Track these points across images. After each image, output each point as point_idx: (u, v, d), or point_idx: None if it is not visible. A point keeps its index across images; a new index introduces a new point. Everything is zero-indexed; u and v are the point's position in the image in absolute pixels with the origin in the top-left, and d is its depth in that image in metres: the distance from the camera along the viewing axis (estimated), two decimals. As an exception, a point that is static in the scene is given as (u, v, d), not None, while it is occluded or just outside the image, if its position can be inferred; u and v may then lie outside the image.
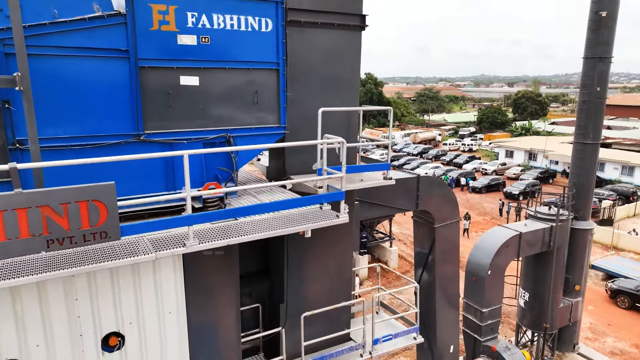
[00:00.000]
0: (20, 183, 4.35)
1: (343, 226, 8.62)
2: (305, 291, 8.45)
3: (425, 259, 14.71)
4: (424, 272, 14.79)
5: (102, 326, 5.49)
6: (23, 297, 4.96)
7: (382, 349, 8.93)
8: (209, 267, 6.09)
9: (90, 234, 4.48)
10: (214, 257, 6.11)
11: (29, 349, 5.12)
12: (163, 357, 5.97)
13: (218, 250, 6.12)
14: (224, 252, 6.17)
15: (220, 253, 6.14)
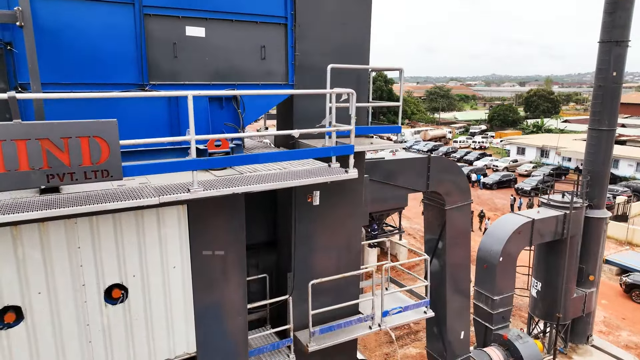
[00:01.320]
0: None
1: (352, 197, 8.48)
2: (313, 261, 8.28)
3: (435, 243, 14.43)
4: (434, 256, 14.52)
5: (105, 277, 5.37)
6: (25, 241, 4.85)
7: (391, 321, 8.73)
8: (214, 223, 5.95)
9: (92, 171, 4.35)
10: (220, 213, 5.96)
11: (31, 296, 5.01)
12: (167, 312, 5.84)
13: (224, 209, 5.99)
14: (230, 209, 6.02)
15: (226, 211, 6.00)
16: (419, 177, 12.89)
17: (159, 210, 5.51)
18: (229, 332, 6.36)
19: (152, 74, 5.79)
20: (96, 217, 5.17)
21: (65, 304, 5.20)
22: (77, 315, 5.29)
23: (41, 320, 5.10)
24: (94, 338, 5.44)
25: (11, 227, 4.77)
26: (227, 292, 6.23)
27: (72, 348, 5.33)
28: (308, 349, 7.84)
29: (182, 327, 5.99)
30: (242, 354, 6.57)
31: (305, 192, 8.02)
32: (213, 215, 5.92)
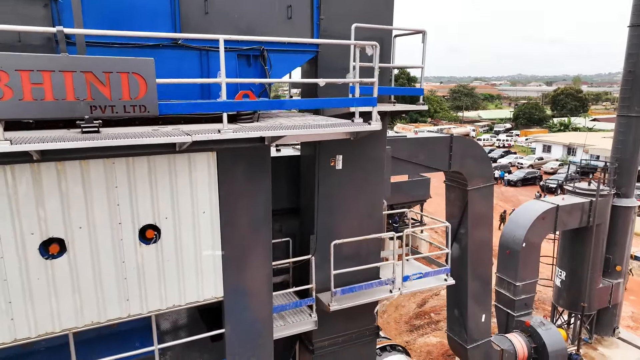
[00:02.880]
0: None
1: (374, 163, 8.64)
2: (336, 224, 8.47)
3: (457, 225, 14.41)
4: (455, 238, 14.50)
5: (139, 217, 5.69)
6: (68, 177, 5.21)
7: (411, 286, 8.85)
8: (241, 174, 6.21)
9: (130, 106, 4.66)
10: (247, 165, 6.22)
11: (73, 230, 5.36)
12: (197, 256, 6.13)
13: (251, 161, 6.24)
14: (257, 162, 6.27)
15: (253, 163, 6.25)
16: (441, 156, 12.90)
17: (190, 156, 5.80)
18: (254, 279, 6.62)
19: (184, 29, 6.09)
20: (132, 159, 5.49)
21: (103, 240, 5.54)
22: (113, 251, 5.62)
23: (82, 253, 5.45)
24: (129, 275, 5.76)
25: (56, 162, 5.13)
26: (253, 240, 6.48)
27: (109, 283, 5.67)
28: (330, 308, 8.04)
29: (211, 272, 6.27)
30: (267, 302, 6.81)
31: (328, 156, 8.24)
32: (241, 166, 6.18)
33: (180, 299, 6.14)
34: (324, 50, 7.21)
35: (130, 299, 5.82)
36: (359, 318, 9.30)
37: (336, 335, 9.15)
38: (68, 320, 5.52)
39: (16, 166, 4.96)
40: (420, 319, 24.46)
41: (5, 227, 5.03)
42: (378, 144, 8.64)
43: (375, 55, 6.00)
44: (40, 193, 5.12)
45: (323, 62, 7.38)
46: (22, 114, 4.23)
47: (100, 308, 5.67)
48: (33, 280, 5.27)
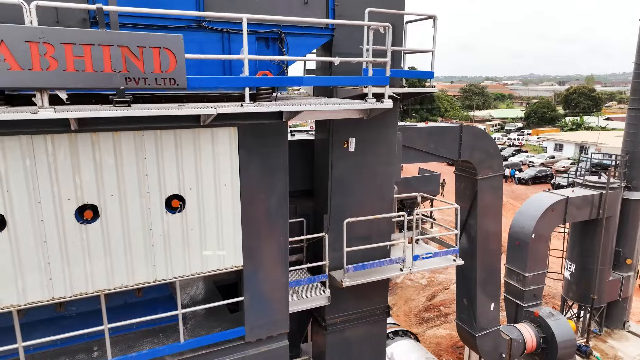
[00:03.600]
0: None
1: (386, 146, 8.96)
2: (348, 204, 8.79)
3: (466, 214, 14.64)
4: (465, 227, 14.74)
5: (166, 187, 6.08)
6: (101, 146, 5.61)
7: (422, 265, 9.13)
8: (261, 146, 6.57)
9: (162, 79, 5.04)
10: (266, 141, 6.58)
11: (106, 198, 5.77)
12: (218, 226, 6.51)
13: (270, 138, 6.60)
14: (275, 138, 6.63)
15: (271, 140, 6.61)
16: (451, 145, 13.12)
17: (213, 131, 6.18)
18: (272, 250, 6.98)
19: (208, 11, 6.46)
20: (160, 132, 5.89)
21: (133, 208, 5.94)
22: (142, 219, 6.02)
23: (113, 220, 5.86)
24: (155, 242, 6.16)
25: (91, 133, 5.54)
26: (270, 212, 6.84)
27: (138, 248, 6.07)
28: (342, 284, 8.37)
29: (231, 242, 6.64)
30: (283, 272, 7.17)
31: (342, 139, 8.58)
32: (260, 142, 6.54)
33: (203, 266, 6.52)
34: (338, 35, 7.55)
35: (156, 264, 6.22)
36: (370, 297, 9.63)
37: (348, 312, 9.49)
38: (100, 281, 5.93)
39: (56, 136, 5.37)
40: (430, 312, 24.69)
41: (45, 192, 5.45)
42: (389, 128, 8.96)
43: (388, 35, 6.32)
44: (76, 162, 5.53)
45: (337, 48, 7.71)
46: (66, 84, 4.63)
47: (129, 272, 6.07)
48: (69, 243, 5.69)
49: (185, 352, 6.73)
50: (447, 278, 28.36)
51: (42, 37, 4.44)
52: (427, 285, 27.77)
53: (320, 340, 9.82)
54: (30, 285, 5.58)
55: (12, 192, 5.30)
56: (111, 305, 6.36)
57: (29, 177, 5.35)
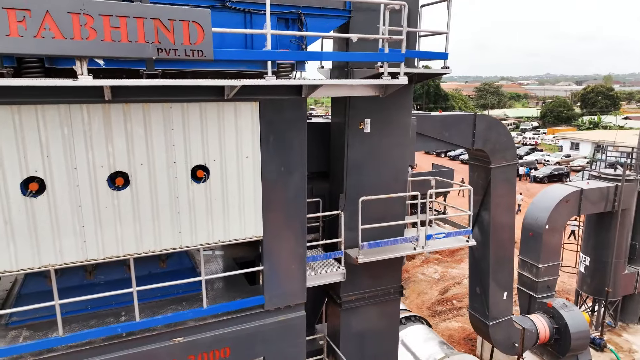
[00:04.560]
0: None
1: (401, 128, 9.21)
2: (363, 184, 9.06)
3: (480, 203, 14.77)
4: (478, 216, 14.86)
5: (191, 158, 6.42)
6: (132, 116, 5.98)
7: (435, 245, 9.35)
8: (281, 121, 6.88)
9: (190, 50, 5.37)
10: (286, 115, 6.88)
11: (135, 166, 6.13)
12: (240, 197, 6.83)
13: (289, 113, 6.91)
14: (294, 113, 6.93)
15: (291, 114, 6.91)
16: (465, 133, 13.27)
17: (236, 105, 6.51)
18: (290, 221, 7.28)
19: (232, -5, 6.80)
20: (187, 105, 6.23)
21: (161, 177, 6.29)
22: (169, 188, 6.37)
23: (142, 187, 6.22)
24: (181, 210, 6.50)
25: (123, 104, 5.90)
26: (289, 184, 7.14)
27: (165, 215, 6.42)
28: (357, 261, 8.63)
29: (252, 212, 6.96)
30: (301, 243, 7.46)
31: (358, 120, 8.85)
32: (280, 117, 6.85)
33: (225, 235, 6.85)
34: (355, 18, 7.82)
35: (182, 231, 6.56)
36: (385, 276, 9.87)
37: (362, 291, 9.75)
38: (129, 246, 6.30)
39: (91, 106, 5.75)
40: (442, 305, 24.78)
41: (81, 159, 5.83)
42: (404, 110, 9.20)
43: (404, 14, 6.57)
44: (109, 131, 5.90)
45: (354, 30, 7.98)
46: (103, 53, 4.98)
47: (156, 238, 6.43)
48: (102, 208, 6.06)
49: (208, 318, 7.06)
50: (460, 273, 28.41)
51: (83, 8, 4.80)
52: (440, 279, 27.85)
53: (335, 318, 10.10)
54: (67, 247, 5.96)
55: (52, 158, 5.69)
56: (137, 275, 6.69)
57: (67, 144, 5.73)
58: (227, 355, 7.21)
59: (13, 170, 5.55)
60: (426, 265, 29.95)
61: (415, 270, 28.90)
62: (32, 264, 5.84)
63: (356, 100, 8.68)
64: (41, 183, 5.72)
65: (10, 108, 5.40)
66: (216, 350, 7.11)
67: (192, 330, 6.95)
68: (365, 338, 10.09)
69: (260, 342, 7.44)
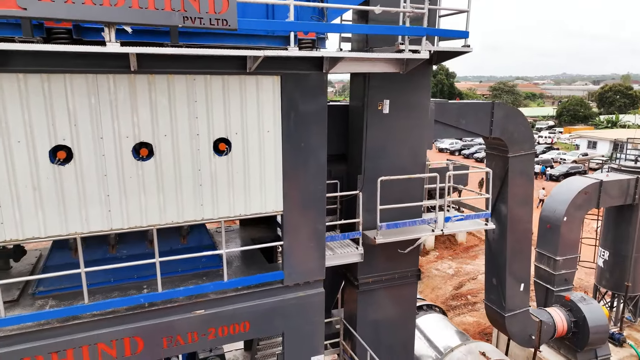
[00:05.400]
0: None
1: (419, 110, 9.19)
2: (381, 166, 9.06)
3: (497, 193, 14.61)
4: (495, 206, 14.69)
5: (214, 130, 6.49)
6: (157, 87, 6.07)
7: (452, 227, 9.30)
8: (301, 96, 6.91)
9: (215, 19, 5.43)
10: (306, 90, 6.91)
11: (159, 137, 6.23)
12: (261, 171, 6.89)
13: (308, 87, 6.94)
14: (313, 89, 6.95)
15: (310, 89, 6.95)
16: (483, 122, 13.14)
17: (258, 78, 6.56)
18: (310, 196, 7.31)
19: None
20: (210, 77, 6.31)
21: (184, 148, 6.37)
22: (192, 159, 6.45)
23: (166, 158, 6.31)
24: (204, 182, 6.58)
25: (148, 75, 6.00)
26: (309, 159, 7.18)
27: (187, 187, 6.50)
28: (375, 241, 8.63)
29: (272, 187, 7.01)
30: (321, 218, 7.49)
31: (376, 101, 8.85)
32: (301, 92, 6.89)
33: (246, 209, 6.91)
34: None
35: (204, 204, 6.64)
36: (402, 259, 9.85)
37: (380, 274, 9.75)
38: (153, 216, 6.39)
39: (117, 76, 5.85)
40: (457, 300, 24.62)
41: (107, 129, 5.94)
42: (422, 91, 9.19)
43: (425, -11, 6.57)
44: (134, 101, 6.00)
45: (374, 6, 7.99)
46: (131, 19, 5.07)
47: (179, 209, 6.51)
48: (127, 178, 6.16)
49: (228, 291, 7.13)
50: (474, 269, 28.19)
51: (112, -25, 4.89)
52: (454, 275, 27.67)
53: (352, 302, 10.10)
54: (92, 216, 6.08)
55: (79, 127, 5.80)
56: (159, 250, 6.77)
57: (94, 113, 5.84)
58: (246, 329, 7.28)
59: (42, 138, 5.68)
60: (440, 261, 29.78)
61: (429, 265, 28.74)
62: (59, 232, 5.97)
63: (375, 80, 8.70)
64: (69, 152, 5.83)
65: (40, 76, 5.53)
66: (236, 324, 7.18)
67: (213, 303, 7.03)
68: (382, 322, 10.08)
69: (279, 317, 7.49)
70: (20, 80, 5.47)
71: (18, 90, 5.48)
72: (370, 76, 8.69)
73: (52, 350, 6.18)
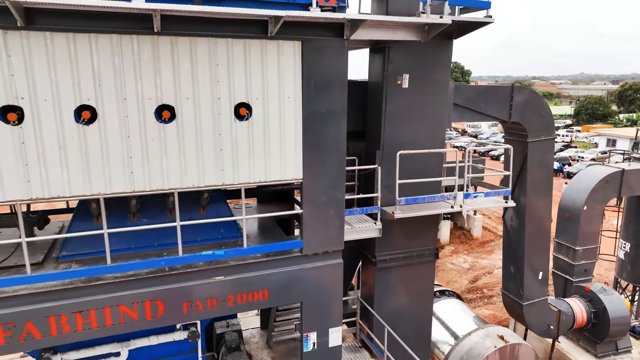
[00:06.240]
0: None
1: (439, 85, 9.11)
2: (400, 141, 9.00)
3: (515, 179, 14.40)
4: (514, 193, 14.48)
5: (235, 95, 6.52)
6: (180, 49, 6.11)
7: (472, 204, 9.19)
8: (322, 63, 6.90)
9: (238, -23, 5.48)
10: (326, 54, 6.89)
11: (182, 100, 6.27)
12: (281, 137, 6.89)
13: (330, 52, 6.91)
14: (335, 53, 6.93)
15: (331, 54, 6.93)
16: (502, 105, 12.97)
17: (279, 43, 6.57)
18: (330, 166, 7.29)
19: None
20: (231, 40, 6.33)
21: (205, 112, 6.41)
22: (213, 123, 6.48)
23: (187, 122, 6.35)
24: (224, 147, 6.61)
25: (171, 37, 6.04)
26: (328, 127, 7.16)
27: (208, 151, 6.53)
28: (394, 216, 8.57)
29: (292, 154, 7.01)
30: (340, 186, 7.46)
31: (396, 74, 8.80)
32: (321, 58, 6.87)
33: (266, 175, 6.92)
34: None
35: (224, 169, 6.67)
36: (420, 237, 9.78)
37: (397, 251, 9.68)
38: (174, 179, 6.44)
39: (141, 37, 5.91)
40: (473, 294, 24.35)
41: (130, 90, 6.00)
42: (442, 67, 9.11)
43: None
44: (157, 62, 6.05)
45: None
46: (156, -25, 5.13)
47: (200, 173, 6.55)
48: (149, 140, 6.22)
49: (247, 258, 7.15)
50: (490, 263, 27.87)
51: None
52: (470, 269, 27.38)
53: (369, 279, 10.05)
54: (115, 176, 6.15)
55: (103, 87, 5.88)
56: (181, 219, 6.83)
57: (117, 74, 5.91)
58: (265, 297, 7.28)
59: (68, 97, 5.76)
60: (455, 255, 29.50)
61: (444, 259, 28.48)
62: (83, 191, 6.05)
63: (395, 54, 8.65)
64: (93, 112, 5.91)
65: (66, 35, 5.61)
66: (255, 291, 7.19)
67: (232, 270, 7.05)
68: (399, 301, 10.01)
69: (298, 287, 7.49)
70: (47, 38, 5.55)
71: (45, 48, 5.57)
72: (390, 50, 8.65)
73: (76, 309, 6.26)
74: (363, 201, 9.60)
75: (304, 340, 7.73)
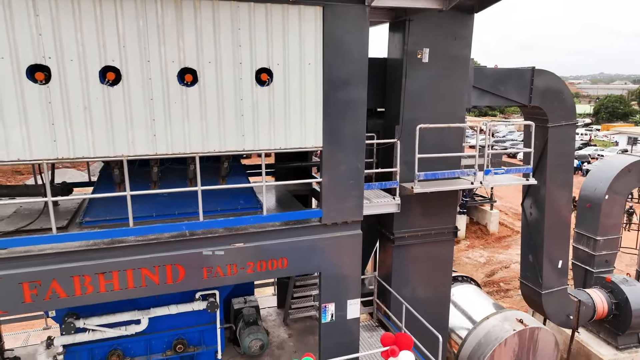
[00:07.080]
0: None
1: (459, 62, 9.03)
2: (419, 117, 8.93)
3: (535, 165, 14.17)
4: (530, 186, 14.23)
5: (256, 60, 6.54)
6: (202, 13, 6.16)
7: (492, 180, 9.08)
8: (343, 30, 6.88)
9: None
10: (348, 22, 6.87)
11: (204, 63, 6.31)
12: (301, 104, 6.90)
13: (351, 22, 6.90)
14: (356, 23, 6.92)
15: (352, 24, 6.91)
16: (522, 89, 12.78)
17: (300, 8, 6.58)
18: (350, 135, 7.28)
19: None
20: (253, 4, 6.36)
21: (227, 77, 6.44)
22: (234, 88, 6.51)
23: (209, 86, 6.39)
24: (245, 112, 6.64)
25: (194, 0, 6.09)
26: (348, 95, 7.14)
27: (230, 116, 6.57)
28: (413, 190, 8.51)
29: (312, 121, 7.01)
30: (360, 159, 7.43)
31: (416, 49, 8.74)
32: (342, 25, 6.86)
33: (286, 142, 6.93)
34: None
35: (245, 135, 6.70)
36: (438, 215, 9.69)
37: (415, 229, 9.61)
38: (196, 143, 6.49)
39: (164, 0, 5.97)
40: (489, 287, 24.05)
41: (154, 53, 6.07)
42: (463, 42, 9.02)
43: None
44: (180, 26, 6.11)
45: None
46: None
47: (221, 138, 6.59)
48: (172, 104, 6.28)
49: (267, 225, 7.18)
50: (507, 258, 27.50)
51: None
52: (486, 263, 27.06)
53: (387, 257, 10.00)
54: (138, 139, 6.22)
55: (127, 49, 5.95)
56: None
57: (141, 36, 5.98)
58: (284, 266, 7.30)
59: (93, 58, 5.85)
60: (471, 249, 29.19)
61: (460, 253, 28.19)
62: (107, 152, 6.13)
63: (415, 28, 8.60)
64: (117, 73, 5.99)
65: (93, -4, 5.69)
66: (274, 259, 7.21)
67: (252, 237, 7.08)
68: (417, 279, 9.93)
69: (317, 256, 7.49)
70: (74, 0, 5.64)
71: (72, 10, 5.66)
72: (410, 24, 8.60)
73: (99, 271, 6.35)
74: (381, 178, 9.55)
75: (322, 311, 7.72)
